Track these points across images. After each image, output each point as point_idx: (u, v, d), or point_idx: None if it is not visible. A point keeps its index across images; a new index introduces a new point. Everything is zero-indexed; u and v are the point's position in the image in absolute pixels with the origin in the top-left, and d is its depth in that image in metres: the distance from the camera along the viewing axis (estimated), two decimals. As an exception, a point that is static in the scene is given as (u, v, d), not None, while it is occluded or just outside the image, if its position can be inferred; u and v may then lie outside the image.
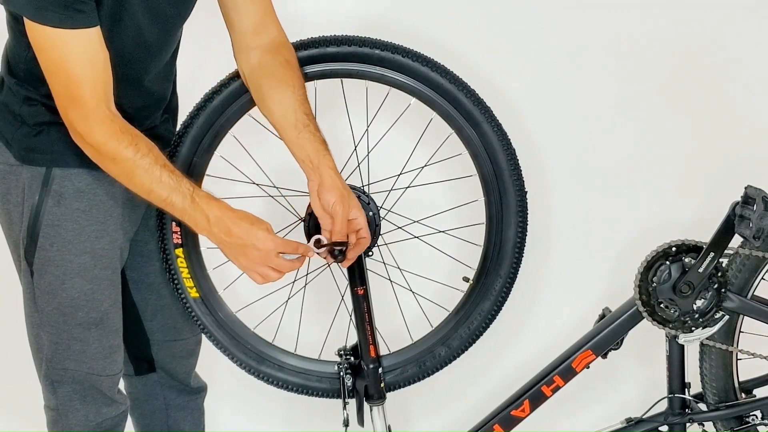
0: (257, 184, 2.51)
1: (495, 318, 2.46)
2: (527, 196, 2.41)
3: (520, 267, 2.43)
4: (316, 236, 2.25)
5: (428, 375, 2.50)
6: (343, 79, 2.39)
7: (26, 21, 2.01)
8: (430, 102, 2.36)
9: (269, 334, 2.54)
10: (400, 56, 2.33)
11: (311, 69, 2.34)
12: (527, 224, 2.41)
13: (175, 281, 2.40)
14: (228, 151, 2.44)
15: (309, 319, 2.67)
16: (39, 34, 2.01)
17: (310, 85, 2.37)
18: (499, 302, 2.45)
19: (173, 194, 2.10)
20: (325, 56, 2.33)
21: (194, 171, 2.34)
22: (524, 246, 2.42)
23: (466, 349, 2.49)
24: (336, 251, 2.23)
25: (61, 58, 2.01)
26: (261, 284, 2.20)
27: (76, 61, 2.02)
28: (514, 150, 2.39)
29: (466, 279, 2.48)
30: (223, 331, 2.46)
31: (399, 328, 2.58)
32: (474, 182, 2.43)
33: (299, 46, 2.33)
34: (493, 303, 2.45)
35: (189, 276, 2.40)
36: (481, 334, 2.48)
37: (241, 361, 2.48)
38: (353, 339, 2.46)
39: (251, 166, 2.57)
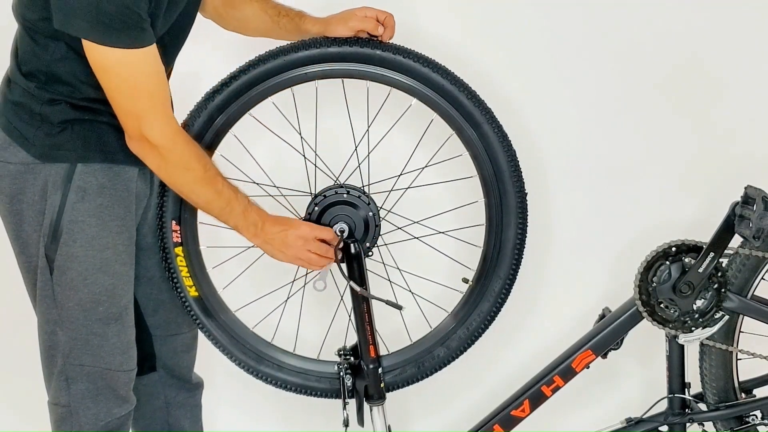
0: (257, 184, 2.51)
1: (494, 319, 2.46)
2: (527, 198, 2.41)
3: (519, 268, 2.43)
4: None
5: (427, 375, 2.50)
6: (344, 80, 2.39)
7: (87, 44, 2.04)
8: (430, 103, 2.36)
9: (268, 334, 2.54)
10: (401, 57, 2.33)
11: (312, 69, 2.34)
12: (527, 225, 2.41)
13: (175, 280, 2.40)
14: (228, 151, 2.44)
15: (308, 319, 2.67)
16: (105, 56, 2.04)
17: (310, 85, 2.38)
18: (498, 303, 2.45)
19: (229, 206, 2.23)
20: (326, 56, 2.33)
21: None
22: (524, 247, 2.42)
23: (465, 350, 2.49)
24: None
25: (132, 76, 2.06)
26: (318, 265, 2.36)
27: (147, 78, 2.08)
28: (514, 151, 2.39)
29: (465, 280, 2.48)
30: (222, 330, 2.46)
31: (398, 328, 2.58)
32: (474, 183, 2.43)
33: (300, 46, 2.33)
34: (492, 304, 2.45)
35: (188, 275, 2.40)
36: (480, 335, 2.48)
37: (240, 361, 2.48)
38: (353, 339, 2.46)
39: (252, 165, 2.57)
